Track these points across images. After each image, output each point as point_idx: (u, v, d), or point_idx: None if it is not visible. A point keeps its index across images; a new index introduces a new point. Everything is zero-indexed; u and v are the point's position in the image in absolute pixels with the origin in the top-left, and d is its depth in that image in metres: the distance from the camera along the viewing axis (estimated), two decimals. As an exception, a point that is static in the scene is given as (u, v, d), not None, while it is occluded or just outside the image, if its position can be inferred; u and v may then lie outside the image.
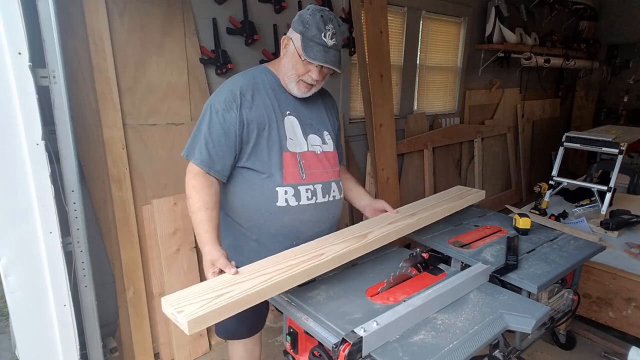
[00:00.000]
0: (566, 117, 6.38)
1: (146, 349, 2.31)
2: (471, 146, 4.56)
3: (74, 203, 1.64)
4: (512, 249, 1.69)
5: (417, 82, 3.91)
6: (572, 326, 2.60)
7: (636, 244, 2.75)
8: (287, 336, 1.36)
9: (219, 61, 2.43)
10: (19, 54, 1.39)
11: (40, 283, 1.55)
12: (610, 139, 3.20)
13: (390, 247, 1.70)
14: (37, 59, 1.47)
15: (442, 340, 1.14)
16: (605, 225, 2.93)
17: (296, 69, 1.47)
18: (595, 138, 3.29)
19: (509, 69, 4.90)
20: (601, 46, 5.99)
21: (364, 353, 1.09)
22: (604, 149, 3.24)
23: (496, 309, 1.29)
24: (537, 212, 3.21)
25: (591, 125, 5.82)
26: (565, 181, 3.41)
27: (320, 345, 1.22)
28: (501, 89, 4.94)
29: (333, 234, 1.57)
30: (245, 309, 1.15)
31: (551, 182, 3.42)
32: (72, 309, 1.63)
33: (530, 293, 1.51)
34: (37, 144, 1.46)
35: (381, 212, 1.77)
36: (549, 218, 3.11)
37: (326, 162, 1.60)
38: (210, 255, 1.31)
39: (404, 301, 1.26)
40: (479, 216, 2.11)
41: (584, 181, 3.41)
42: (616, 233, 2.89)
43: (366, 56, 3.10)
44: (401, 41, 3.66)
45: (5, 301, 1.52)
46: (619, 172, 3.13)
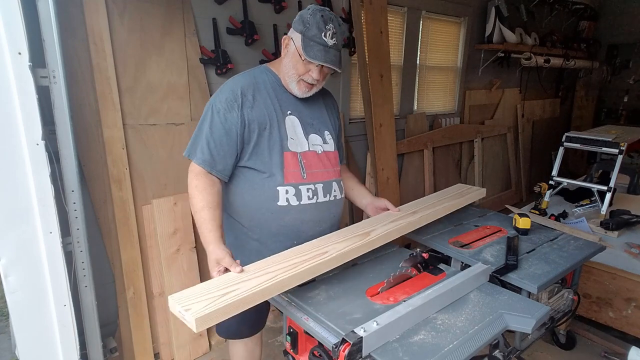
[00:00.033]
0: (566, 117, 6.38)
1: (146, 349, 2.31)
2: (471, 146, 4.56)
3: (74, 203, 1.64)
4: (512, 249, 1.69)
5: (417, 82, 3.91)
6: (572, 326, 2.60)
7: (636, 244, 2.75)
8: (287, 336, 1.36)
9: (219, 61, 2.43)
10: (19, 54, 1.39)
11: (40, 283, 1.55)
12: (610, 139, 3.20)
13: (390, 247, 1.70)
14: (37, 59, 1.47)
15: (442, 340, 1.14)
16: (605, 225, 2.93)
17: (297, 68, 1.48)
18: (595, 138, 3.29)
19: (509, 69, 4.90)
20: (601, 46, 5.99)
21: (364, 353, 1.09)
22: (604, 149, 3.24)
23: (496, 309, 1.29)
24: (537, 212, 3.20)
25: (591, 125, 5.82)
26: (565, 181, 3.41)
27: (320, 345, 1.22)
28: (501, 89, 4.94)
29: (336, 232, 1.57)
30: (250, 306, 1.16)
31: (551, 182, 3.42)
32: (72, 309, 1.63)
33: (530, 293, 1.51)
34: (37, 144, 1.46)
35: (383, 210, 1.77)
36: (549, 218, 3.11)
37: (327, 162, 1.60)
38: (214, 254, 1.32)
39: (404, 301, 1.26)
40: (479, 216, 2.11)
41: (584, 181, 3.41)
42: (616, 233, 2.89)
43: (366, 56, 3.10)
44: (401, 41, 3.66)
45: (5, 301, 1.52)
46: (619, 172, 3.13)
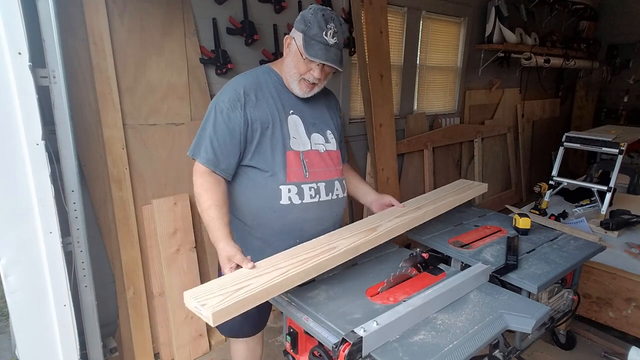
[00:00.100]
0: (566, 117, 6.38)
1: (146, 349, 2.31)
2: (471, 146, 4.56)
3: (74, 203, 1.64)
4: (512, 249, 1.69)
5: (417, 82, 3.91)
6: (572, 326, 2.60)
7: (636, 244, 2.75)
8: (287, 336, 1.36)
9: (219, 61, 2.43)
10: (19, 54, 1.39)
11: (40, 283, 1.55)
12: (610, 139, 3.20)
13: (390, 247, 1.70)
14: (37, 59, 1.47)
15: (442, 340, 1.14)
16: (605, 225, 2.93)
17: (298, 67, 1.49)
18: (595, 138, 3.29)
19: (509, 69, 4.90)
20: (601, 46, 5.99)
21: (364, 353, 1.09)
22: (604, 149, 3.24)
23: (496, 309, 1.29)
24: (537, 212, 3.20)
25: (591, 125, 5.81)
26: (565, 181, 3.41)
27: (320, 345, 1.22)
28: (501, 89, 4.94)
29: (343, 228, 1.59)
30: (264, 301, 1.18)
31: (551, 182, 3.42)
32: (72, 309, 1.63)
33: (530, 293, 1.51)
34: (37, 144, 1.46)
35: (388, 206, 1.79)
36: (549, 218, 3.11)
37: (329, 161, 1.61)
38: (225, 252, 1.33)
39: (404, 301, 1.26)
40: (479, 216, 2.11)
41: (584, 181, 3.41)
42: (616, 233, 2.89)
43: (366, 56, 3.10)
44: (401, 41, 3.66)
45: (5, 301, 1.52)
46: (619, 172, 3.13)
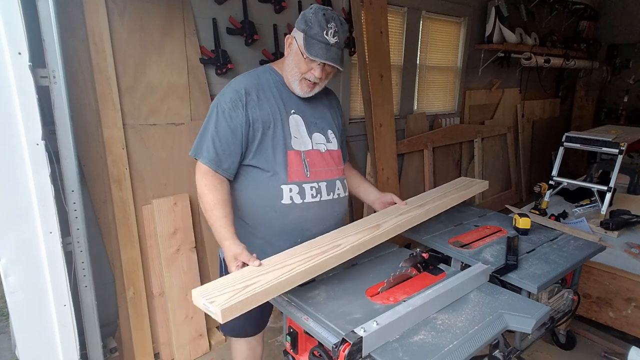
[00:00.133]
0: (566, 117, 6.38)
1: (146, 349, 2.31)
2: (471, 146, 4.56)
3: (74, 203, 1.64)
4: (512, 249, 1.69)
5: (417, 82, 3.91)
6: (572, 326, 2.60)
7: (636, 244, 2.75)
8: (287, 336, 1.36)
9: (219, 61, 2.43)
10: (19, 54, 1.39)
11: (40, 283, 1.55)
12: (610, 139, 3.20)
13: (390, 247, 1.70)
14: (37, 59, 1.47)
15: (442, 340, 1.14)
16: (605, 225, 2.93)
17: (299, 67, 1.49)
18: (595, 138, 3.29)
19: (509, 69, 4.90)
20: (601, 46, 5.99)
21: (364, 353, 1.09)
22: (604, 149, 3.24)
23: (496, 309, 1.29)
24: (537, 212, 3.20)
25: (591, 125, 5.81)
26: (565, 181, 3.41)
27: (320, 345, 1.22)
28: (501, 89, 4.94)
29: (347, 225, 1.59)
30: (271, 298, 1.20)
31: (551, 182, 3.42)
32: (72, 309, 1.63)
33: (530, 293, 1.51)
34: (37, 144, 1.46)
35: (390, 204, 1.79)
36: (549, 218, 3.11)
37: (330, 161, 1.62)
38: (231, 250, 1.33)
39: (404, 301, 1.26)
40: (479, 216, 2.11)
41: (584, 181, 3.41)
42: (616, 233, 2.89)
43: (366, 56, 3.10)
44: (401, 41, 3.66)
45: (5, 301, 1.52)
46: (619, 172, 3.13)
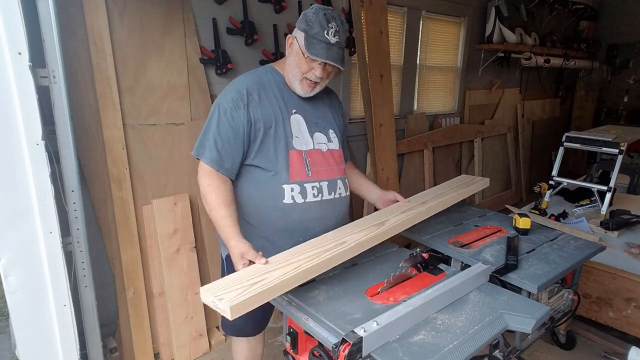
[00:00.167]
0: (566, 117, 6.38)
1: (146, 349, 2.31)
2: (471, 146, 4.56)
3: (74, 203, 1.64)
4: (512, 249, 1.69)
5: (417, 82, 3.91)
6: (572, 326, 2.60)
7: (636, 244, 2.75)
8: (287, 336, 1.36)
9: (219, 61, 2.43)
10: (19, 54, 1.39)
11: (40, 283, 1.55)
12: (610, 139, 3.20)
13: (390, 247, 1.70)
14: (37, 59, 1.47)
15: (442, 340, 1.14)
16: (605, 225, 2.93)
17: (300, 66, 1.50)
18: (595, 138, 3.29)
19: (509, 69, 4.90)
20: (601, 46, 5.99)
21: (364, 353, 1.09)
22: (604, 149, 3.24)
23: (496, 309, 1.29)
24: (537, 212, 3.20)
25: (591, 125, 5.81)
26: (565, 181, 3.41)
27: (320, 345, 1.22)
28: (501, 89, 4.94)
29: (351, 223, 1.60)
30: (278, 295, 1.22)
31: (551, 182, 3.42)
32: (72, 309, 1.63)
33: (530, 293, 1.51)
34: (37, 144, 1.46)
35: (392, 202, 1.80)
36: (549, 218, 3.11)
37: (332, 160, 1.62)
38: (237, 249, 1.34)
39: (404, 301, 1.26)
40: (479, 216, 2.11)
41: (584, 181, 3.40)
42: (616, 233, 2.89)
43: (366, 56, 3.10)
44: (401, 41, 3.66)
45: (5, 301, 1.52)
46: (619, 172, 3.13)
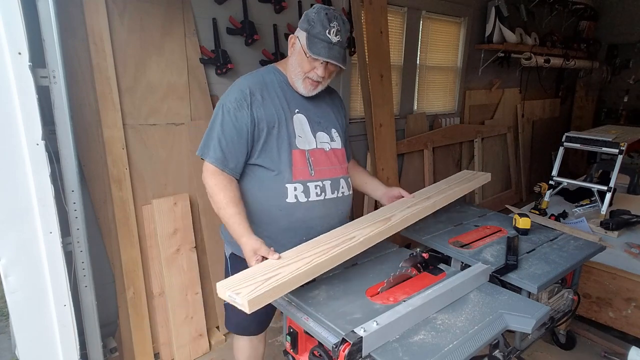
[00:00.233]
0: (566, 117, 6.38)
1: (146, 349, 2.31)
2: (471, 146, 4.56)
3: (74, 203, 1.64)
4: (512, 249, 1.69)
5: (417, 82, 3.91)
6: (572, 326, 2.60)
7: (636, 244, 2.75)
8: (287, 336, 1.36)
9: (219, 61, 2.43)
10: (19, 54, 1.39)
11: (40, 283, 1.55)
12: (610, 139, 3.20)
13: (390, 247, 1.70)
14: (37, 59, 1.47)
15: (442, 340, 1.14)
16: (605, 225, 2.93)
17: (302, 66, 1.51)
18: (595, 138, 3.29)
19: (509, 69, 4.90)
20: (601, 46, 5.99)
21: (364, 353, 1.09)
22: (604, 149, 3.24)
23: (496, 309, 1.29)
24: (537, 212, 3.20)
25: (591, 125, 5.81)
26: (565, 181, 3.41)
27: (320, 345, 1.22)
28: (501, 89, 4.94)
29: (358, 219, 1.61)
30: (293, 289, 1.24)
31: (551, 182, 3.42)
32: (72, 309, 1.63)
33: (530, 293, 1.51)
34: (37, 144, 1.46)
35: (397, 198, 1.81)
36: (549, 218, 3.10)
37: (334, 159, 1.63)
38: (249, 245, 1.35)
39: (404, 301, 1.26)
40: (479, 216, 2.11)
41: (584, 181, 3.41)
42: (616, 233, 2.89)
43: (366, 56, 3.10)
44: (401, 41, 3.66)
45: (5, 301, 1.52)
46: (619, 172, 3.13)
